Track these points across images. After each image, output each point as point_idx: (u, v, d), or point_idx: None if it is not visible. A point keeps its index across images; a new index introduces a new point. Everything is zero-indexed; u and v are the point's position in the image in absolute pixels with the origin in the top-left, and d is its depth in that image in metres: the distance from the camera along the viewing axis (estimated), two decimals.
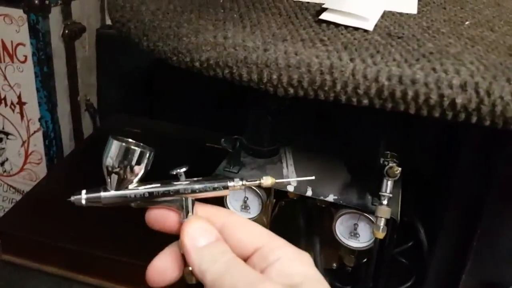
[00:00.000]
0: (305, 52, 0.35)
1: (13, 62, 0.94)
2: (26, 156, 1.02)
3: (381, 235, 0.41)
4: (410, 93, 0.33)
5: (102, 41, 1.03)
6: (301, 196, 0.50)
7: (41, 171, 1.02)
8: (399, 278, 0.59)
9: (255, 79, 0.36)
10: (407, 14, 0.47)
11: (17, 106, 0.98)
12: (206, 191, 0.30)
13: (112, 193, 0.30)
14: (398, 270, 0.58)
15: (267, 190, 0.51)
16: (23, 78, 0.94)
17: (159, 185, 0.30)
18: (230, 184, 0.30)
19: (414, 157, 0.61)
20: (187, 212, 0.30)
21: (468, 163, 0.50)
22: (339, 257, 0.56)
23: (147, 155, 0.29)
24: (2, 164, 1.05)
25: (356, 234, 0.46)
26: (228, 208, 0.50)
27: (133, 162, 0.29)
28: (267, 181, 0.32)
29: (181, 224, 0.29)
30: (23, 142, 1.01)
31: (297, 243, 0.56)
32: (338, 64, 0.34)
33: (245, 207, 0.50)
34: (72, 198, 0.30)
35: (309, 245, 0.55)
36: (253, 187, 0.49)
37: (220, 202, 0.51)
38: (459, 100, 0.32)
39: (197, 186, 0.30)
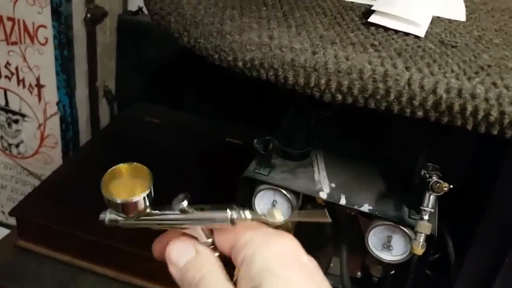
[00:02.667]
0: (356, 57, 0.34)
1: (33, 44, 0.92)
2: (42, 139, 1.01)
3: (420, 251, 0.39)
4: (469, 108, 0.31)
5: (123, 27, 1.01)
6: (328, 202, 0.49)
7: (56, 155, 1.01)
8: None
9: (302, 83, 0.34)
10: (456, 21, 0.44)
11: (35, 89, 0.97)
12: (204, 224, 0.30)
13: (126, 221, 0.31)
14: (422, 282, 0.56)
15: (297, 194, 0.49)
16: (42, 60, 0.93)
17: (162, 215, 0.31)
18: (233, 216, 0.30)
19: (444, 167, 0.59)
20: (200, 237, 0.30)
21: (510, 176, 0.48)
22: (364, 266, 0.55)
23: (146, 195, 0.30)
24: (17, 145, 1.04)
25: (389, 246, 0.44)
26: (255, 210, 0.49)
27: (134, 209, 0.30)
28: (277, 216, 0.32)
29: None
30: (39, 125, 1.00)
31: (323, 249, 0.55)
32: (393, 72, 0.32)
33: None
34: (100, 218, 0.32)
35: (335, 252, 0.54)
36: (283, 191, 0.48)
37: (248, 205, 0.49)
38: None
39: (201, 216, 0.30)
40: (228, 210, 0.30)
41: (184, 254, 0.29)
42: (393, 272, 0.50)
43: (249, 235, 0.29)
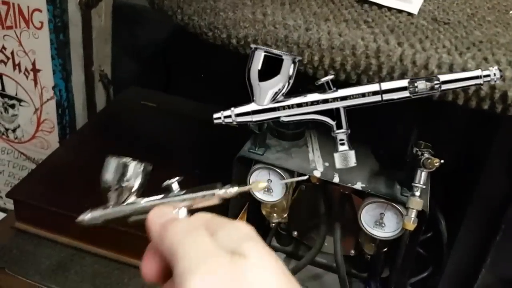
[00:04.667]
0: (349, 34, 0.34)
1: (28, 28, 0.92)
2: (38, 124, 1.01)
3: (412, 226, 0.40)
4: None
5: (119, 11, 1.00)
6: (323, 181, 0.49)
7: (53, 139, 1.01)
8: (416, 268, 0.58)
9: None
10: None
11: (31, 73, 0.96)
12: (195, 199, 0.30)
13: (110, 210, 0.31)
14: (414, 260, 0.57)
15: (291, 173, 0.50)
16: (38, 44, 0.92)
17: (153, 198, 0.30)
18: (218, 192, 0.29)
19: (437, 147, 0.60)
20: None
21: (498, 157, 0.49)
22: (357, 244, 0.55)
23: (143, 168, 0.30)
24: (14, 130, 1.04)
25: (381, 223, 0.45)
26: (252, 190, 0.49)
27: (129, 176, 0.30)
28: (261, 185, 0.31)
29: None
30: (36, 110, 1.00)
31: (317, 228, 0.56)
32: (385, 48, 0.33)
33: (268, 189, 0.49)
34: (78, 219, 0.32)
35: (329, 231, 0.54)
36: (278, 170, 0.48)
37: (243, 184, 0.50)
38: (511, 93, 0.31)
39: (186, 196, 0.30)
40: (216, 187, 0.30)
41: (169, 215, 0.28)
42: (385, 249, 0.51)
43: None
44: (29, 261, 0.65)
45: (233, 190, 0.29)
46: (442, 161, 0.38)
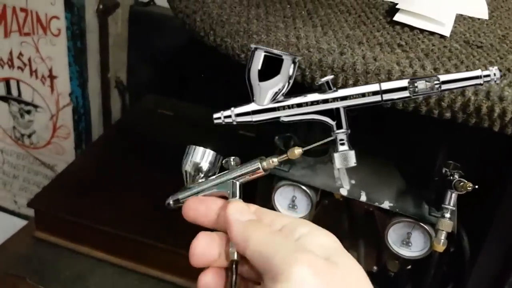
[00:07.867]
0: (384, 58, 0.34)
1: (46, 35, 0.92)
2: (54, 130, 1.02)
3: (441, 248, 0.40)
4: (497, 110, 0.31)
5: (135, 18, 1.01)
6: (346, 197, 0.49)
7: (69, 145, 1.02)
8: (436, 284, 0.58)
9: None
10: (479, 19, 0.44)
11: (48, 79, 0.97)
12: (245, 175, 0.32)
13: (187, 192, 0.34)
14: (435, 276, 0.57)
15: (316, 190, 0.50)
16: (55, 51, 0.93)
17: (212, 178, 0.34)
18: (263, 164, 0.31)
19: (460, 161, 0.59)
20: (234, 195, 0.32)
21: None
22: (379, 260, 0.55)
23: (219, 158, 0.34)
24: (30, 136, 1.04)
25: (408, 243, 0.45)
26: (276, 206, 0.50)
27: (205, 161, 0.33)
28: (297, 151, 0.32)
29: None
30: (52, 116, 1.00)
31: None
32: (422, 74, 0.32)
33: (292, 206, 0.49)
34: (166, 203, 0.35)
35: (352, 247, 0.54)
36: (303, 186, 0.48)
37: (267, 200, 0.50)
38: None
39: (236, 173, 0.32)
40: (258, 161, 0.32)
41: (247, 213, 0.30)
42: (409, 267, 0.51)
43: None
44: (49, 271, 0.65)
45: (275, 160, 0.31)
46: (476, 186, 0.38)
